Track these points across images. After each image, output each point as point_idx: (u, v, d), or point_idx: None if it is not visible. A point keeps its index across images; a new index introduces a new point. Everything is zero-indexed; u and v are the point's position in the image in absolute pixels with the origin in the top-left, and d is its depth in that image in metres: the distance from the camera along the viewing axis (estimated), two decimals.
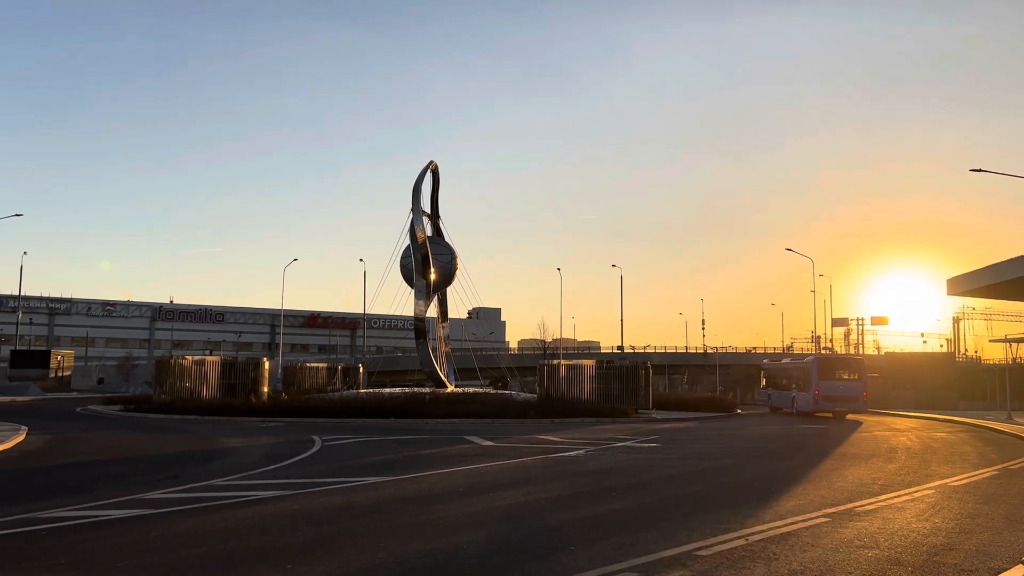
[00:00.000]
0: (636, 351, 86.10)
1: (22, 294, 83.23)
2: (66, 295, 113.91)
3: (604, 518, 10.22)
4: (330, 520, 9.84)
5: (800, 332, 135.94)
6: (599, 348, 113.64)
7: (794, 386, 44.95)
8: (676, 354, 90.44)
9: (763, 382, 54.13)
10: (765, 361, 57.76)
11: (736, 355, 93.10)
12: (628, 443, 22.15)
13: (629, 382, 38.66)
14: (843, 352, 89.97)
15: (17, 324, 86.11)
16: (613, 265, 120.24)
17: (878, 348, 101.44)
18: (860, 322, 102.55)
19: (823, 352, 72.64)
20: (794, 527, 9.56)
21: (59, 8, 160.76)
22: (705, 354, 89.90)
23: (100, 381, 77.38)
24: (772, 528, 9.45)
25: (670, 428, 29.90)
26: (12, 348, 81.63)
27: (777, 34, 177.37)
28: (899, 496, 12.46)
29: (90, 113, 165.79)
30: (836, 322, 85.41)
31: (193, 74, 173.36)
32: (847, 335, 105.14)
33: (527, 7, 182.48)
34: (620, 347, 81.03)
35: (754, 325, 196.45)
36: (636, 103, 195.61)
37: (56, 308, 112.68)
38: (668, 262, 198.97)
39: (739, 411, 46.18)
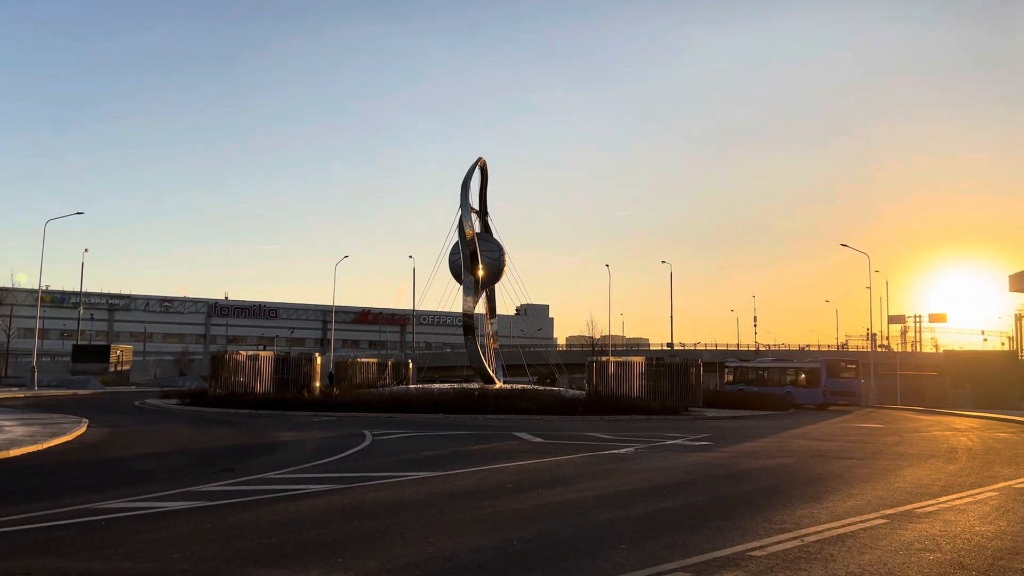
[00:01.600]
0: (686, 348, 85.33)
1: (83, 291, 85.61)
2: (125, 291, 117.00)
3: (654, 516, 10.10)
4: (380, 514, 9.90)
5: (855, 329, 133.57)
6: (648, 345, 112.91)
7: (788, 382, 50.16)
8: (727, 351, 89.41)
9: (729, 377, 56.40)
10: (730, 360, 62.14)
11: (789, 352, 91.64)
12: (678, 441, 21.91)
13: (679, 379, 38.25)
14: (899, 350, 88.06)
15: (79, 320, 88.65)
16: (663, 261, 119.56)
17: (936, 346, 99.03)
18: (917, 319, 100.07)
19: (825, 354, 72.65)
20: (851, 528, 9.33)
21: (115, 5, 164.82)
22: (757, 351, 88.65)
23: (156, 376, 79.28)
24: (828, 529, 9.23)
25: (721, 426, 29.51)
26: (74, 343, 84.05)
27: (829, 28, 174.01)
28: (961, 498, 12.09)
29: (148, 112, 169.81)
30: (892, 319, 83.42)
31: (246, 73, 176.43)
32: (904, 332, 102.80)
33: (576, 2, 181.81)
34: (670, 344, 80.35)
35: (807, 322, 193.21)
36: (687, 98, 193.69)
37: (116, 304, 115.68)
38: (719, 258, 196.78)
39: (793, 409, 45.41)
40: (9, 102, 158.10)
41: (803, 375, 49.72)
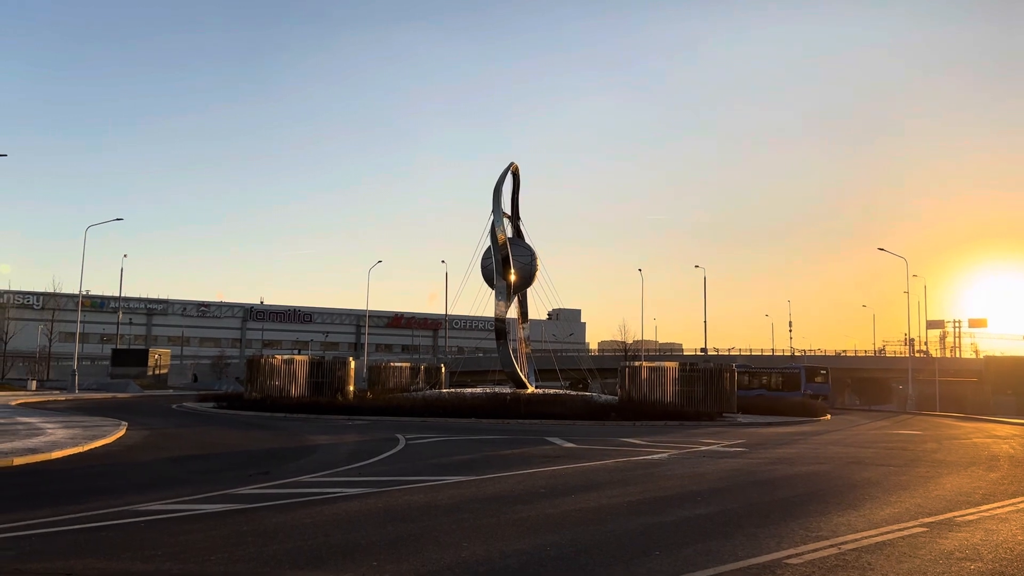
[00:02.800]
0: (720, 353, 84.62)
1: (122, 295, 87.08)
2: (163, 296, 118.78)
3: (689, 523, 10.04)
4: (414, 518, 9.95)
5: (893, 334, 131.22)
6: (682, 350, 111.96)
7: (775, 384, 59.00)
8: (762, 357, 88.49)
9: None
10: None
11: (825, 358, 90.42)
12: (713, 447, 21.74)
13: (713, 385, 37.94)
14: (938, 355, 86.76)
15: (118, 324, 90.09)
16: (696, 266, 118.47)
17: (976, 351, 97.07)
18: (957, 324, 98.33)
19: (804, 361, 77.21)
20: (889, 536, 9.20)
21: (154, 14, 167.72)
22: (792, 356, 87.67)
23: (194, 379, 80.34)
24: (866, 537, 9.11)
25: (756, 432, 29.23)
26: (113, 347, 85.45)
27: (865, 25, 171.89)
28: (1003, 506, 11.86)
29: (186, 119, 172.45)
30: (931, 324, 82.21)
31: (282, 81, 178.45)
32: (943, 338, 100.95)
33: (608, 5, 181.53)
34: (703, 349, 79.77)
35: (844, 327, 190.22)
36: (719, 102, 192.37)
37: (154, 309, 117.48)
38: (753, 263, 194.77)
39: (828, 416, 44.84)
40: (51, 108, 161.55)
41: (784, 378, 59.48)
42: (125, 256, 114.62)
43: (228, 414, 34.59)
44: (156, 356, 78.82)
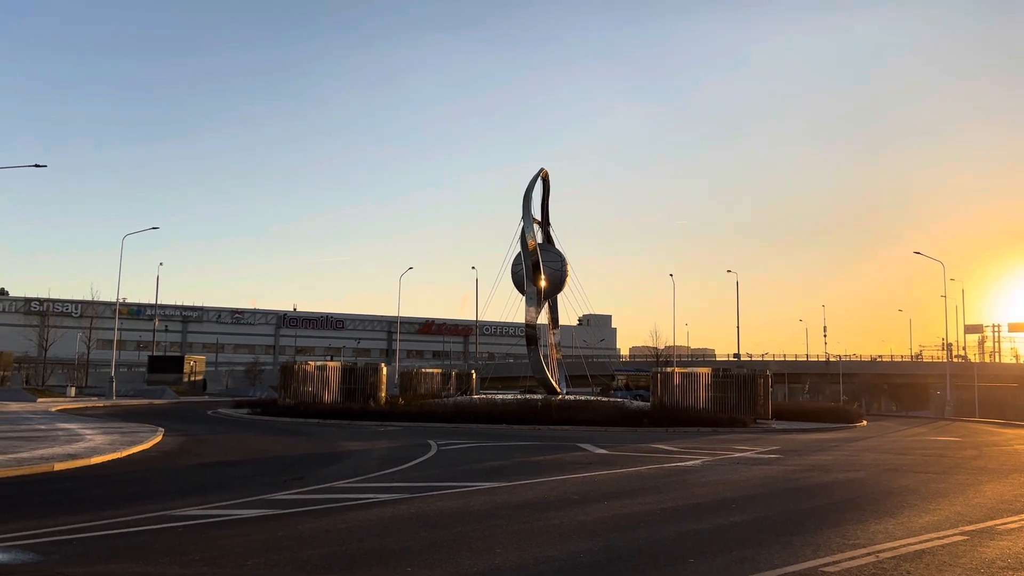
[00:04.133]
0: (753, 359, 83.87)
1: (158, 303, 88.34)
2: (198, 304, 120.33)
3: (723, 530, 9.95)
4: (447, 524, 9.97)
5: (930, 339, 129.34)
6: (714, 355, 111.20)
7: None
8: (796, 362, 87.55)
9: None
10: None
11: (860, 363, 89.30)
12: (747, 454, 21.54)
13: (747, 391, 37.61)
14: (977, 360, 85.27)
15: (154, 331, 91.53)
16: (728, 270, 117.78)
17: (1016, 356, 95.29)
18: (996, 328, 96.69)
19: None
20: (929, 544, 9.05)
21: (186, 27, 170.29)
22: (827, 362, 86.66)
23: (227, 385, 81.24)
24: (904, 545, 8.97)
25: (791, 439, 28.92)
26: (149, 354, 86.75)
27: (902, 27, 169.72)
28: None
29: (219, 129, 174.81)
30: (969, 329, 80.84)
31: (311, 90, 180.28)
32: (981, 342, 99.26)
33: (637, 10, 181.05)
34: (736, 355, 79.10)
35: (880, 332, 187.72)
36: (751, 105, 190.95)
37: (189, 316, 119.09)
38: (786, 267, 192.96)
39: (864, 422, 44.25)
40: (89, 121, 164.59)
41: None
42: (161, 264, 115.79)
43: (262, 420, 34.93)
44: (191, 363, 79.84)
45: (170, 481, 14.95)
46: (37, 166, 43.25)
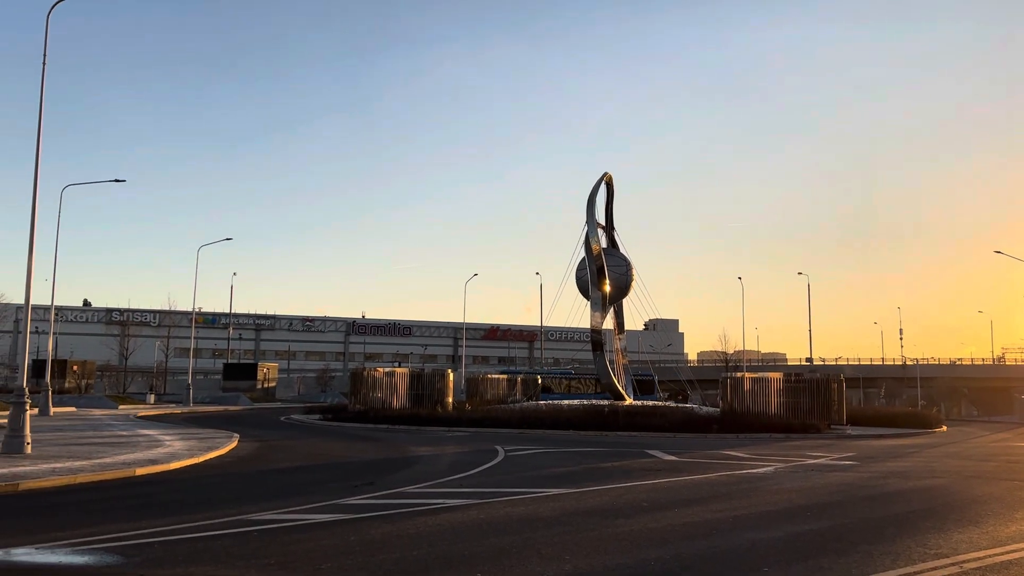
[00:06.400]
0: (826, 363, 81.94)
1: (232, 312, 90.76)
2: (270, 312, 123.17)
3: (798, 539, 9.74)
4: (515, 530, 9.99)
5: (1013, 341, 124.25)
6: (785, 360, 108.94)
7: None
8: (871, 366, 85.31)
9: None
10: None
11: (938, 367, 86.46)
12: (821, 460, 21.04)
13: (820, 396, 36.72)
14: None
15: (228, 339, 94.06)
16: (799, 273, 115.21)
17: None
18: None
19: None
20: (1016, 555, 8.69)
21: (253, 44, 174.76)
22: (903, 366, 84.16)
23: (299, 392, 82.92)
24: (989, 556, 8.63)
25: (867, 445, 28.14)
26: (224, 361, 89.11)
27: (975, 25, 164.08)
28: None
29: (289, 142, 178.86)
30: None
31: (378, 99, 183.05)
32: None
33: (701, 12, 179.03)
34: (809, 359, 77.47)
35: (959, 334, 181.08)
36: (822, 104, 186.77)
37: (262, 324, 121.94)
38: (859, 268, 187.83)
39: (944, 427, 42.78)
40: (164, 135, 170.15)
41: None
42: (235, 274, 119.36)
43: (333, 426, 35.56)
44: (264, 370, 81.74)
45: (245, 486, 15.33)
46: (117, 181, 45.01)
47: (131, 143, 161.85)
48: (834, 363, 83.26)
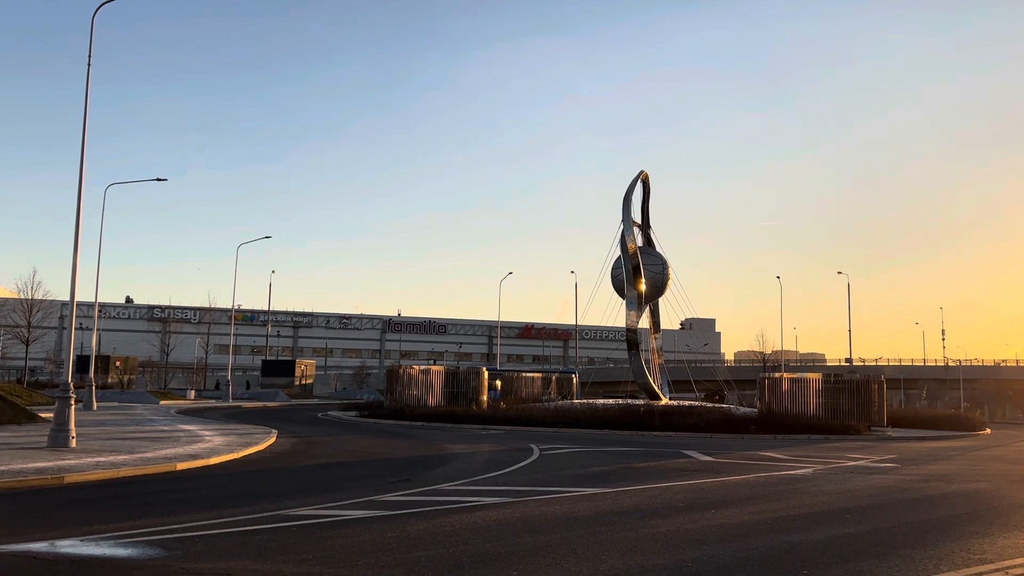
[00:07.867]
0: (866, 364, 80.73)
1: (271, 309, 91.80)
2: (308, 310, 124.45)
3: (837, 542, 9.60)
4: (551, 529, 9.98)
5: None
6: (824, 361, 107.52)
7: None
8: (912, 367, 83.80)
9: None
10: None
11: (982, 368, 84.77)
12: (861, 462, 20.74)
13: (860, 397, 36.20)
14: None
15: (267, 337, 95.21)
16: (839, 272, 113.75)
17: None
18: None
19: None
20: None
21: (294, 46, 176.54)
22: (946, 367, 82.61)
23: (336, 389, 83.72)
24: None
25: (908, 447, 27.68)
26: (263, 358, 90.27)
27: (1019, 19, 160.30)
28: None
29: (325, 143, 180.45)
30: None
31: (415, 99, 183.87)
32: None
33: (739, 13, 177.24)
34: (848, 359, 76.40)
35: (1004, 335, 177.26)
36: (861, 105, 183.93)
37: (299, 322, 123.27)
38: (900, 269, 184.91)
39: (988, 430, 41.92)
40: (204, 135, 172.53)
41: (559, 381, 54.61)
42: (273, 272, 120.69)
43: (369, 423, 35.84)
44: (302, 367, 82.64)
45: (283, 482, 15.49)
46: (158, 180, 45.79)
47: (173, 143, 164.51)
48: (874, 364, 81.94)
